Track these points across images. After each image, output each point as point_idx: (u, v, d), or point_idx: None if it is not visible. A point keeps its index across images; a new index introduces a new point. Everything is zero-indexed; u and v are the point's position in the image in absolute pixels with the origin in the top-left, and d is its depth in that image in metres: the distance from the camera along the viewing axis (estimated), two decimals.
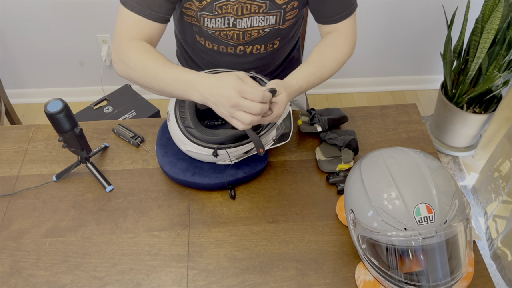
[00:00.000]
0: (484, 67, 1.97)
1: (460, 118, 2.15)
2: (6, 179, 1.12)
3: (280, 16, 1.07)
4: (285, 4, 1.05)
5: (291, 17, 1.10)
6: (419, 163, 0.86)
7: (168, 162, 1.10)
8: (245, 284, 0.94)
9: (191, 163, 1.09)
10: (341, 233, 1.02)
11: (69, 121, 0.99)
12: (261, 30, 1.10)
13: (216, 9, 1.04)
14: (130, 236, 1.01)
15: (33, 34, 2.21)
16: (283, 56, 1.31)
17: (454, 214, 0.81)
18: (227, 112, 0.86)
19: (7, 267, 0.96)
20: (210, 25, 1.08)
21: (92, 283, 0.94)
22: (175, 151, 1.11)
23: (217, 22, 1.06)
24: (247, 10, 1.04)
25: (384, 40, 2.38)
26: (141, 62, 0.97)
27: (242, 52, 1.17)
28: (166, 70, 0.94)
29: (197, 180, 1.07)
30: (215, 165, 1.09)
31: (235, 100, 0.83)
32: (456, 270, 0.83)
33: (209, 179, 1.07)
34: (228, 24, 1.07)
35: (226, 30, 1.09)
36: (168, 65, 0.95)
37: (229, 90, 0.83)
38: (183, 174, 1.08)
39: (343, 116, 1.21)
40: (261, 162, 1.11)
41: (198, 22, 1.08)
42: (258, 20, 1.07)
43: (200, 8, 1.04)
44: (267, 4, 1.03)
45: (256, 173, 1.11)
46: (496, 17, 1.79)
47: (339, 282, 0.94)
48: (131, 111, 1.87)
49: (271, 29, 1.11)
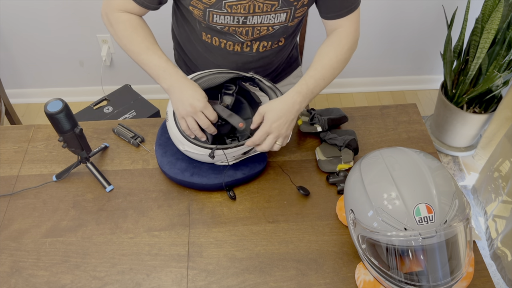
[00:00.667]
0: (484, 67, 1.97)
1: (460, 118, 2.15)
2: (6, 179, 1.12)
3: (291, 13, 1.08)
4: (296, 1, 1.06)
5: (299, 15, 1.11)
6: (419, 163, 0.86)
7: (167, 162, 1.10)
8: (245, 284, 0.94)
9: (190, 163, 1.09)
10: (341, 233, 1.02)
11: (69, 121, 0.99)
12: (270, 27, 1.11)
13: (226, 7, 1.04)
14: (130, 236, 1.01)
15: (33, 34, 2.21)
16: (285, 55, 1.31)
17: (454, 214, 0.81)
18: (185, 112, 1.01)
19: (7, 267, 0.96)
20: (219, 21, 1.08)
21: (92, 283, 0.94)
22: (174, 151, 1.11)
23: (226, 19, 1.07)
24: (259, 8, 1.05)
25: (384, 40, 2.38)
26: (128, 36, 1.09)
27: (249, 48, 1.17)
28: (149, 54, 1.06)
29: (195, 181, 1.07)
30: (214, 166, 1.09)
31: (195, 110, 1.00)
32: (456, 270, 0.83)
33: (207, 179, 1.07)
34: (237, 22, 1.08)
35: (235, 26, 1.09)
36: (151, 48, 1.07)
37: (197, 101, 1.00)
38: (181, 174, 1.08)
39: (343, 116, 1.21)
40: (260, 163, 1.11)
41: (205, 19, 1.09)
42: (269, 18, 1.08)
43: (208, 4, 1.04)
44: (280, 1, 1.04)
45: (255, 174, 1.11)
46: (496, 17, 1.79)
47: (339, 282, 0.94)
48: (131, 111, 1.87)
49: (280, 26, 1.11)
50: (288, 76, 1.42)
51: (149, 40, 1.08)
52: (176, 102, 1.03)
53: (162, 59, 1.06)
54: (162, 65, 1.05)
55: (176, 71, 1.05)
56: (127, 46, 1.09)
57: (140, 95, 1.96)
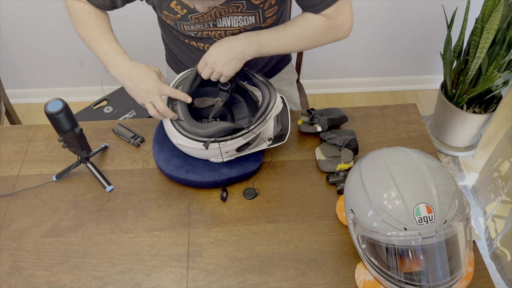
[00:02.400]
0: (484, 67, 1.97)
1: (460, 118, 2.15)
2: (6, 179, 1.12)
3: (259, 15, 1.07)
4: (262, 3, 1.04)
5: (271, 15, 1.09)
6: (419, 163, 0.86)
7: (163, 158, 1.10)
8: (245, 284, 0.94)
9: (185, 161, 1.09)
10: (341, 233, 1.02)
11: (69, 121, 0.99)
12: (242, 29, 1.10)
13: (193, 19, 1.05)
14: (130, 236, 1.01)
15: (33, 34, 2.21)
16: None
17: (454, 214, 0.81)
18: (142, 100, 1.01)
19: (7, 267, 0.96)
20: (191, 29, 1.08)
21: (92, 283, 0.94)
22: (171, 147, 1.12)
23: (197, 26, 1.07)
24: (225, 12, 1.04)
25: (384, 40, 2.38)
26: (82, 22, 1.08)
27: None
28: (100, 42, 1.05)
29: (190, 178, 1.07)
30: (209, 163, 1.09)
31: (152, 95, 1.00)
32: (456, 270, 0.83)
33: (202, 177, 1.07)
34: (208, 26, 1.08)
35: (208, 30, 1.09)
36: (103, 35, 1.05)
37: (150, 85, 1.00)
38: (177, 171, 1.08)
39: (343, 116, 1.22)
40: (255, 162, 1.11)
41: (178, 29, 1.09)
42: (237, 20, 1.07)
43: (175, 18, 1.05)
44: (244, 3, 1.03)
45: (250, 173, 1.11)
46: (496, 17, 1.79)
47: (339, 282, 0.94)
48: (131, 111, 1.87)
49: (253, 27, 1.10)
50: (280, 72, 1.40)
51: (102, 27, 1.06)
52: (129, 90, 1.02)
53: (112, 45, 1.04)
54: (110, 53, 1.03)
55: (122, 58, 1.03)
56: (81, 33, 1.08)
57: None
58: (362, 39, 2.37)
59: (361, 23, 2.29)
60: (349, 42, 2.36)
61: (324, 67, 2.49)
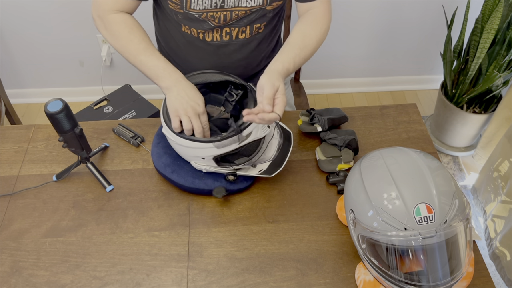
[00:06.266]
0: (484, 67, 1.97)
1: (460, 118, 2.15)
2: (6, 179, 1.12)
3: None
4: None
5: None
6: (419, 163, 0.86)
7: (156, 153, 1.12)
8: (245, 284, 0.94)
9: (174, 160, 1.10)
10: (341, 233, 1.02)
11: (69, 121, 0.99)
12: (248, 10, 1.12)
13: None
14: (130, 236, 1.01)
15: (33, 34, 2.21)
16: (268, 50, 1.30)
17: (454, 214, 0.81)
18: (183, 111, 1.00)
19: (7, 267, 0.96)
20: (197, 6, 1.09)
21: (92, 283, 0.94)
22: (166, 144, 1.12)
23: (204, 3, 1.08)
24: None
25: (384, 40, 2.38)
26: (125, 37, 1.09)
27: (228, 36, 1.18)
28: (147, 55, 1.07)
29: (174, 179, 1.08)
30: (194, 169, 1.08)
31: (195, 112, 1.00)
32: (456, 270, 0.83)
33: (185, 180, 1.07)
34: (215, 6, 1.09)
35: (213, 11, 1.10)
36: (149, 49, 1.08)
37: (199, 106, 1.02)
38: (164, 169, 1.09)
39: (343, 116, 1.22)
40: (243, 182, 1.09)
41: (183, 7, 1.09)
42: (245, 0, 1.09)
43: None
44: None
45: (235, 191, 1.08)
46: (496, 17, 1.79)
47: (339, 282, 0.94)
48: (131, 111, 1.87)
49: (258, 9, 1.12)
50: None
51: (146, 41, 1.09)
52: (175, 99, 1.02)
53: (160, 59, 1.07)
54: (161, 65, 1.06)
55: (175, 71, 1.06)
56: (124, 47, 1.10)
57: (140, 95, 1.96)
58: (362, 39, 2.37)
59: (361, 23, 2.29)
60: (349, 42, 2.37)
61: (324, 67, 2.49)
